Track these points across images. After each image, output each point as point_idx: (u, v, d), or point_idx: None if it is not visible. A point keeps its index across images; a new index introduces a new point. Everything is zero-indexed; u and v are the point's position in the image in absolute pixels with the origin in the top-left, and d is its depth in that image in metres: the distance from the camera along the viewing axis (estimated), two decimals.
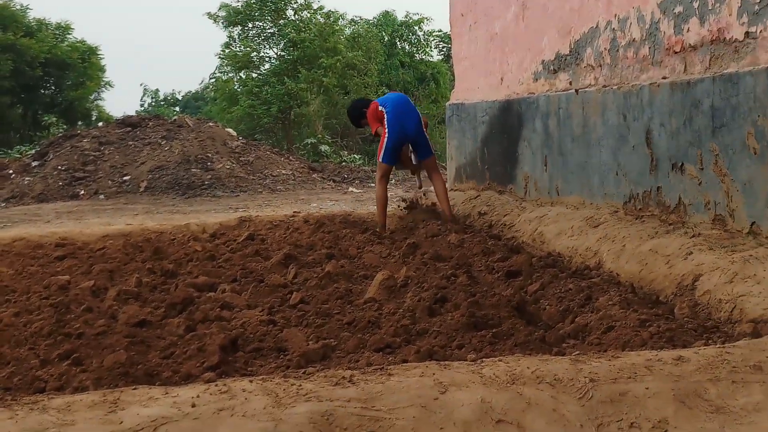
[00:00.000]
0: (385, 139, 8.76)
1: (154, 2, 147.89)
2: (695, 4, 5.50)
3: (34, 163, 17.83)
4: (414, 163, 9.31)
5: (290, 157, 20.03)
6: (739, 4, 5.04)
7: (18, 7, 33.80)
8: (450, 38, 14.06)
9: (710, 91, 5.24)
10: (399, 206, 9.88)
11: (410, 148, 9.13)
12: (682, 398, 2.96)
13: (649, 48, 6.14)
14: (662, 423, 2.88)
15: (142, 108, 45.32)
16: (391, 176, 9.53)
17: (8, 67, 30.74)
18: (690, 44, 5.60)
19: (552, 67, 7.91)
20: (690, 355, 3.28)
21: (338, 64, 29.40)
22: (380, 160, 8.92)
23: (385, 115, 8.79)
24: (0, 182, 17.18)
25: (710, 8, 5.33)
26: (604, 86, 6.76)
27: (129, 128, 18.87)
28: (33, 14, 35.18)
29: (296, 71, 29.30)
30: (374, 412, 2.84)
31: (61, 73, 34.22)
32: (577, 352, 3.64)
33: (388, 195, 9.08)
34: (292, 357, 4.05)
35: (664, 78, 5.88)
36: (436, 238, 7.63)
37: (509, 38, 9.10)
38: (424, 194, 9.77)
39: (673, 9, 5.78)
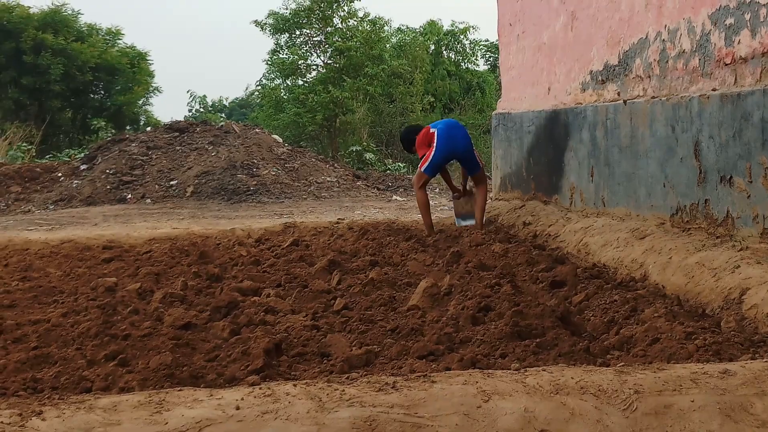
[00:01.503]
0: (432, 152, 8.97)
1: (203, 9, 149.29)
2: (747, 16, 5.45)
3: (83, 167, 18.01)
4: (463, 191, 9.76)
5: (335, 165, 20.05)
6: None
7: (70, 12, 34.20)
8: (497, 48, 14.03)
9: (761, 104, 5.18)
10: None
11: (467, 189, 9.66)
12: (728, 412, 2.93)
13: (699, 59, 6.09)
14: None
15: (190, 114, 45.60)
16: (434, 185, 9.69)
17: (59, 71, 31.09)
18: (741, 56, 5.55)
19: (600, 78, 7.87)
20: (736, 368, 3.25)
21: (383, 72, 29.42)
22: (422, 169, 9.12)
23: (436, 133, 9.04)
24: (49, 185, 17.39)
25: (762, 20, 5.28)
26: (653, 97, 6.71)
27: (177, 133, 19.00)
28: (84, 19, 35.52)
29: (342, 79, 29.37)
30: (417, 419, 2.84)
31: (110, 78, 34.50)
32: (622, 364, 3.62)
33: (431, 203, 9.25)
34: (336, 362, 4.07)
35: (713, 90, 5.83)
36: (481, 247, 7.61)
37: (557, 48, 9.07)
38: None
39: (724, 21, 5.73)
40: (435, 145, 8.96)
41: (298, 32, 31.22)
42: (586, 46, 8.20)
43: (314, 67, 31.68)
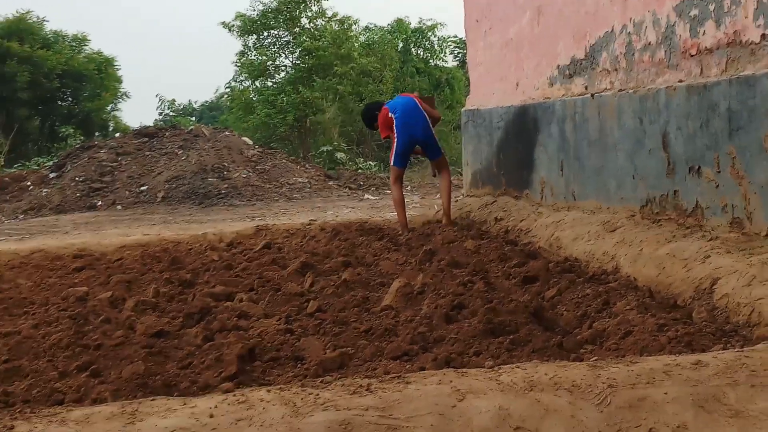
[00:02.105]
0: (395, 144, 9.21)
1: (169, 12, 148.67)
2: (711, 7, 5.48)
3: (52, 175, 17.92)
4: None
5: (306, 165, 20.06)
6: (756, 6, 5.02)
7: (35, 19, 33.97)
8: (465, 44, 14.06)
9: (727, 94, 5.21)
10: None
11: None
12: (701, 403, 2.94)
13: (665, 51, 6.12)
14: (681, 428, 2.86)
15: (160, 118, 45.42)
16: (406, 182, 9.76)
17: (25, 79, 30.88)
18: (706, 47, 5.58)
19: (567, 72, 7.90)
20: (708, 359, 3.26)
21: (352, 71, 29.43)
22: (392, 164, 9.39)
23: (395, 121, 9.19)
24: (18, 194, 17.27)
25: (726, 11, 5.31)
26: (620, 90, 6.74)
27: (146, 139, 18.95)
28: (50, 26, 35.34)
29: (311, 79, 29.35)
30: (392, 421, 2.83)
31: (78, 85, 34.36)
32: (595, 358, 3.63)
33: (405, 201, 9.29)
34: (310, 366, 4.05)
35: (680, 81, 5.86)
36: (453, 244, 7.61)
37: (524, 43, 9.09)
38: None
39: (689, 12, 5.76)
40: (396, 136, 9.16)
41: (266, 33, 31.17)
42: (553, 40, 8.22)
43: (283, 67, 31.66)
